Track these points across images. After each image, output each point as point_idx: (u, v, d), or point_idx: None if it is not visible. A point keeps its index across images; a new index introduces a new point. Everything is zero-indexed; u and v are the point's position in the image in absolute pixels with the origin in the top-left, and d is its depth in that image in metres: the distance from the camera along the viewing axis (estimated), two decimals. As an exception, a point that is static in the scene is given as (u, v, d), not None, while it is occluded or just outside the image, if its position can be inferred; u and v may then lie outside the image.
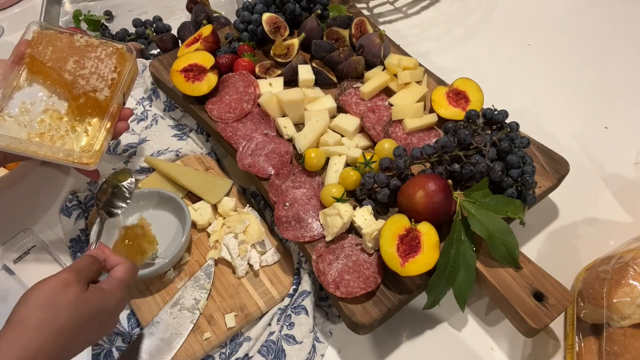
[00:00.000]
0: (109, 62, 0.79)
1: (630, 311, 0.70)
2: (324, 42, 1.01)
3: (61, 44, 0.78)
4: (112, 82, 0.78)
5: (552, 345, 0.78)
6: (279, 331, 0.77)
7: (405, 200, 0.76)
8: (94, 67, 0.78)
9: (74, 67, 0.77)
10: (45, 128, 0.76)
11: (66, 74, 0.76)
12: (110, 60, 0.79)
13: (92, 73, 0.77)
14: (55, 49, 0.78)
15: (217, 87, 0.97)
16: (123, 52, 0.81)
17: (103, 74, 0.78)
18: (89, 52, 0.79)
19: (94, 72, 0.78)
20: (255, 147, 0.89)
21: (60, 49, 0.78)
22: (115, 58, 0.80)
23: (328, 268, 0.74)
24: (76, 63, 0.77)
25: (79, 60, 0.78)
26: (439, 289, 0.72)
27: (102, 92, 0.77)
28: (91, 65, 0.78)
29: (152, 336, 0.75)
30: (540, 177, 0.85)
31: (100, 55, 0.79)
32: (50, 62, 0.77)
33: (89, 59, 0.78)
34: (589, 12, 1.36)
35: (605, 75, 1.19)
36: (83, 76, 0.77)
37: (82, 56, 0.78)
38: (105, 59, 0.79)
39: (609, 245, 0.86)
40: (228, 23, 1.20)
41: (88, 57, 0.78)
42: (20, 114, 0.76)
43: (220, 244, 0.84)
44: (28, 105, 0.77)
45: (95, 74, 0.78)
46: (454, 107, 0.92)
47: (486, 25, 1.34)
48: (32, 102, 0.77)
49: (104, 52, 0.79)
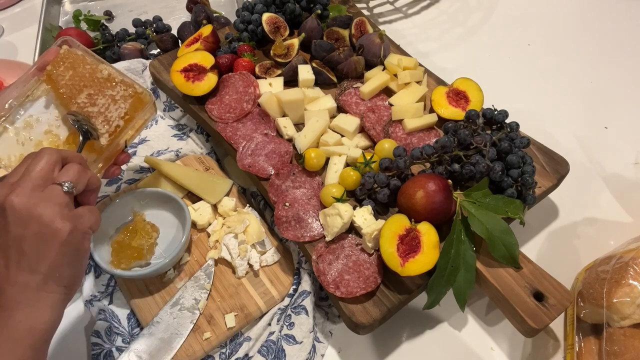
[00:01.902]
0: (121, 105, 0.74)
1: (630, 311, 0.70)
2: (324, 42, 1.01)
3: (83, 70, 0.74)
4: (115, 129, 0.73)
5: (552, 345, 0.78)
6: (279, 331, 0.77)
7: (405, 200, 0.76)
8: (104, 107, 0.73)
9: (84, 101, 0.73)
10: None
11: (74, 106, 0.72)
12: (124, 104, 0.74)
13: (99, 113, 0.73)
14: (75, 74, 0.73)
15: (217, 87, 0.97)
16: (142, 97, 0.76)
17: (110, 117, 0.73)
18: (106, 88, 0.74)
19: (102, 112, 0.73)
20: (255, 147, 0.89)
21: (79, 76, 0.73)
22: (130, 102, 0.74)
23: (328, 268, 0.74)
24: (88, 97, 0.73)
25: (92, 95, 0.73)
26: (439, 289, 0.72)
27: (101, 139, 0.72)
28: (102, 104, 0.73)
29: (152, 336, 0.75)
30: (540, 177, 0.85)
31: (115, 96, 0.74)
32: (63, 88, 0.73)
33: (103, 95, 0.73)
34: (589, 12, 1.36)
35: (605, 75, 1.19)
36: (90, 114, 0.72)
37: (97, 91, 0.73)
38: (119, 101, 0.74)
39: (609, 245, 0.86)
40: (228, 23, 1.20)
41: (103, 93, 0.73)
42: (23, 128, 0.74)
43: (220, 244, 0.84)
44: (33, 120, 0.74)
45: (102, 115, 0.73)
46: (454, 107, 0.92)
47: (486, 25, 1.34)
48: (38, 118, 0.74)
49: (120, 93, 0.74)
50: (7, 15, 1.36)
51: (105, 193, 0.94)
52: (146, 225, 0.84)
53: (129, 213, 0.86)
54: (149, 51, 1.23)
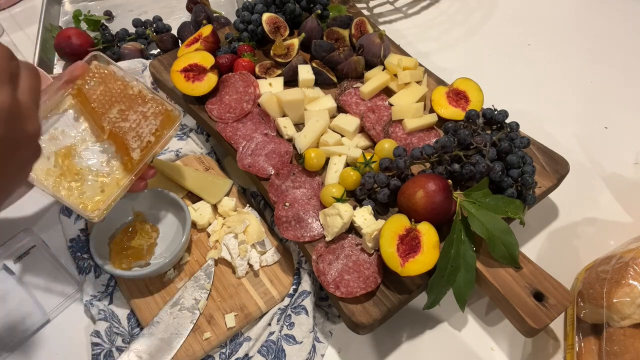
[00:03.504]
0: (152, 121, 0.74)
1: (630, 311, 0.70)
2: (324, 42, 1.01)
3: (114, 86, 0.73)
4: (147, 144, 0.74)
5: (552, 345, 0.78)
6: (279, 331, 0.77)
7: (405, 200, 0.76)
8: (135, 122, 0.73)
9: (116, 116, 0.73)
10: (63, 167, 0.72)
11: (106, 121, 0.72)
12: (154, 120, 0.75)
13: (131, 129, 0.73)
14: (106, 90, 0.73)
15: (217, 87, 0.97)
16: (171, 114, 0.76)
17: (142, 133, 0.73)
18: (137, 105, 0.74)
19: (133, 128, 0.73)
20: (255, 147, 0.89)
21: (110, 91, 0.73)
22: (160, 119, 0.75)
23: (328, 268, 0.74)
24: (120, 113, 0.73)
25: (123, 111, 0.73)
26: (439, 289, 0.72)
27: (133, 153, 0.73)
28: (133, 120, 0.73)
29: (152, 336, 0.75)
30: (540, 177, 0.85)
31: (147, 112, 0.74)
32: (95, 103, 0.72)
33: (134, 112, 0.74)
34: (588, 12, 1.36)
35: (605, 75, 1.19)
36: (122, 129, 0.73)
37: (128, 107, 0.73)
38: (150, 117, 0.74)
39: (609, 245, 0.86)
40: (228, 23, 1.20)
41: (135, 109, 0.74)
42: (48, 140, 0.72)
43: (220, 244, 0.84)
44: (59, 133, 0.73)
45: (133, 131, 0.73)
46: (454, 107, 0.92)
47: (486, 25, 1.34)
48: (64, 130, 0.73)
49: (151, 110, 0.75)
50: (7, 15, 1.36)
51: (105, 193, 0.94)
52: (146, 225, 0.84)
53: (129, 213, 0.86)
54: (149, 51, 1.23)
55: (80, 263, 0.85)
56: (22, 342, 0.79)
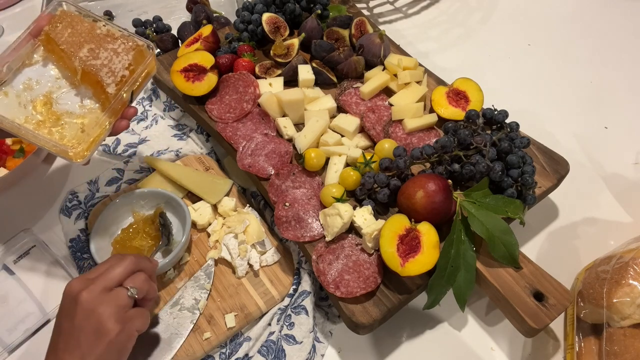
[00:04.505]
0: (124, 57, 0.74)
1: (630, 311, 0.70)
2: (324, 42, 1.01)
3: (82, 27, 0.74)
4: (121, 79, 0.74)
5: (552, 345, 0.78)
6: (279, 331, 0.77)
7: (405, 200, 0.76)
8: (107, 59, 0.74)
9: (87, 55, 0.73)
10: (43, 114, 0.73)
11: (77, 60, 0.73)
12: (126, 55, 0.75)
13: (103, 65, 0.73)
14: (74, 32, 0.73)
15: (217, 87, 0.97)
16: (143, 49, 0.77)
17: (115, 69, 0.74)
18: (107, 43, 0.74)
19: (105, 64, 0.73)
20: (255, 147, 0.89)
21: (78, 33, 0.73)
22: (132, 54, 0.75)
23: (328, 268, 0.74)
24: (90, 51, 0.73)
25: (94, 49, 0.73)
26: (439, 289, 0.72)
27: (108, 88, 0.73)
28: (105, 57, 0.74)
29: (152, 336, 0.75)
30: (540, 177, 0.85)
31: (117, 49, 0.75)
32: (64, 45, 0.72)
33: (105, 49, 0.74)
34: (588, 12, 1.36)
35: (605, 75, 1.19)
36: (94, 67, 0.73)
37: (98, 45, 0.74)
38: (121, 54, 0.75)
39: (609, 245, 0.86)
40: (228, 23, 1.20)
41: (105, 47, 0.74)
42: (23, 90, 0.73)
43: (220, 244, 0.84)
44: (34, 82, 0.74)
45: (106, 67, 0.73)
46: (454, 107, 0.92)
47: (486, 25, 1.34)
48: (38, 80, 0.74)
49: (122, 46, 0.75)
50: (7, 15, 1.36)
51: (105, 193, 0.94)
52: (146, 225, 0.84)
53: (129, 213, 0.86)
54: (149, 51, 1.22)
55: (80, 263, 0.85)
56: (22, 342, 0.79)
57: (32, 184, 0.97)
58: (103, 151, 1.02)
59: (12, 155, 0.96)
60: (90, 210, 0.91)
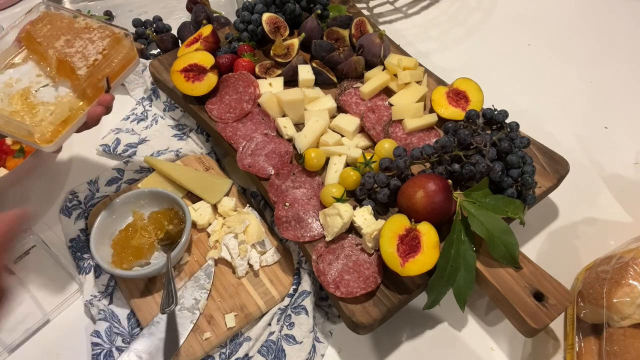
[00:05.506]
0: (99, 44, 0.75)
1: (630, 311, 0.70)
2: (324, 42, 1.01)
3: (61, 23, 0.76)
4: (94, 62, 0.74)
5: (552, 345, 0.78)
6: (279, 331, 0.77)
7: (405, 200, 0.76)
8: (82, 47, 0.75)
9: (62, 45, 0.74)
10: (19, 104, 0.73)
11: (51, 50, 0.74)
12: (101, 42, 0.76)
13: (77, 52, 0.74)
14: (53, 27, 0.76)
15: (217, 87, 0.97)
16: (119, 37, 0.77)
17: (88, 54, 0.74)
18: (83, 34, 0.76)
19: (80, 51, 0.74)
20: (255, 147, 0.89)
21: (57, 28, 0.76)
22: (107, 41, 0.76)
23: (328, 268, 0.74)
24: (66, 42, 0.75)
25: (70, 40, 0.75)
26: (439, 289, 0.72)
27: (79, 70, 0.73)
28: (80, 45, 0.75)
29: (152, 336, 0.75)
30: (540, 177, 0.85)
31: (93, 37, 0.76)
32: (41, 39, 0.74)
33: (80, 39, 0.75)
34: (589, 12, 1.36)
35: (605, 75, 1.19)
36: (67, 54, 0.74)
37: (75, 36, 0.76)
38: (96, 41, 0.76)
39: (609, 245, 0.86)
40: (228, 23, 1.20)
41: (81, 37, 0.76)
42: (4, 87, 0.74)
43: (220, 244, 0.84)
44: (14, 81, 0.75)
45: (79, 54, 0.74)
46: (454, 107, 0.92)
47: (486, 25, 1.34)
48: (19, 78, 0.75)
49: (98, 35, 0.76)
50: (7, 15, 1.36)
51: (105, 193, 0.94)
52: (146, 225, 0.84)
53: (129, 213, 0.86)
54: (149, 51, 1.23)
55: (80, 263, 0.86)
56: (22, 342, 0.79)
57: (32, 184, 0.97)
58: (103, 151, 1.02)
59: (12, 155, 0.95)
60: (90, 210, 0.91)
